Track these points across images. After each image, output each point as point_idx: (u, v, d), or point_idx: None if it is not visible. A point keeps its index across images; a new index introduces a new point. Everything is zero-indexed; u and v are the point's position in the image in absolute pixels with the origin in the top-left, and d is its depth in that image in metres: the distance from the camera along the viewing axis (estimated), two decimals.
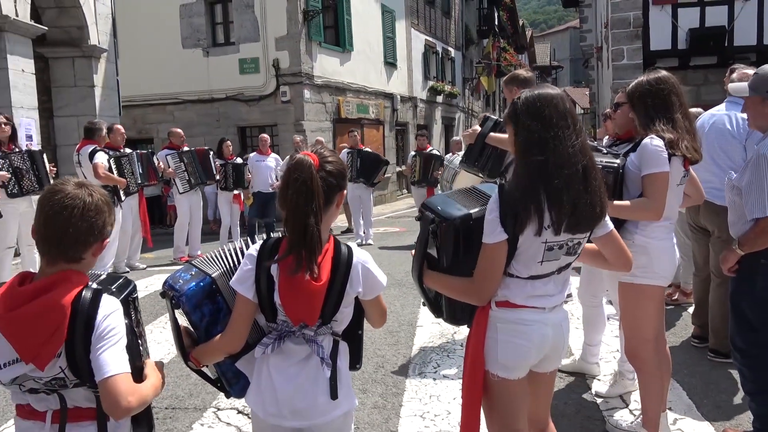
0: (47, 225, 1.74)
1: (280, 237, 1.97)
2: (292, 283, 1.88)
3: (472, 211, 2.13)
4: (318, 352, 1.96)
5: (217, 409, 3.87)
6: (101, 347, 1.69)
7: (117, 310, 1.76)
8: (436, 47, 24.52)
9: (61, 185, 1.78)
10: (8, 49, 8.26)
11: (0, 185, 6.39)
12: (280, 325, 1.96)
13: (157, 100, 15.61)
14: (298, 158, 1.92)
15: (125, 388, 1.67)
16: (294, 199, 1.89)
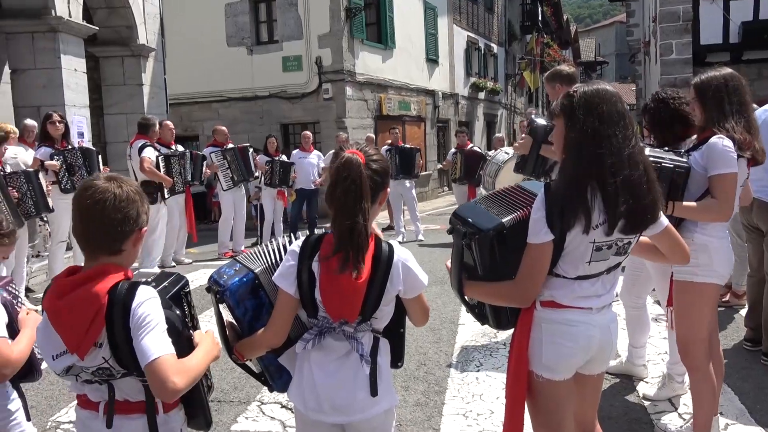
0: (83, 220, 1.78)
1: (322, 234, 1.98)
2: (333, 280, 1.89)
3: (505, 220, 2.08)
4: (357, 349, 1.96)
5: (261, 403, 3.93)
6: (141, 334, 1.71)
7: (153, 298, 1.78)
8: (478, 43, 24.33)
9: (91, 181, 1.82)
10: (62, 49, 8.51)
11: (54, 181, 6.59)
12: (320, 321, 1.97)
13: (202, 98, 15.90)
14: (347, 157, 1.91)
15: (170, 369, 1.68)
16: (342, 198, 1.89)
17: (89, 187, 1.79)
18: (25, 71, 8.57)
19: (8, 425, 2.27)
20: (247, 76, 15.62)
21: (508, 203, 2.18)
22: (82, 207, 1.78)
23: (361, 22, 15.63)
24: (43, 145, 6.70)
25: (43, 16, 8.29)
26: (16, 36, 8.50)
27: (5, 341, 2.12)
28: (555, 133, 2.11)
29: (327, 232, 1.97)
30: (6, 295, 2.28)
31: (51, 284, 1.82)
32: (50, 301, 1.76)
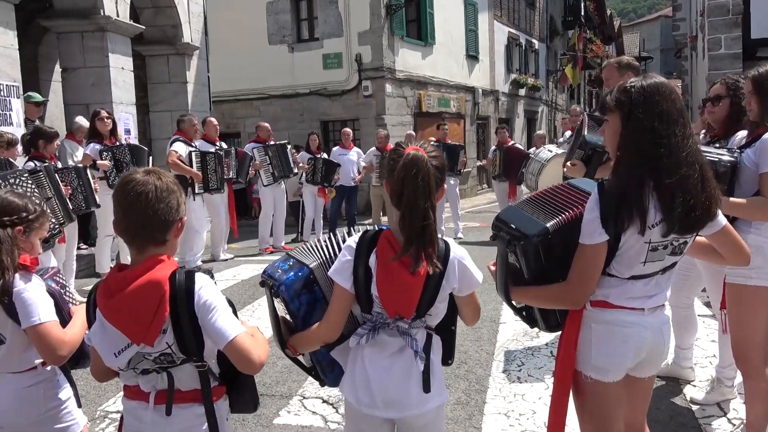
0: (128, 214, 1.82)
1: (379, 230, 1.98)
2: (390, 276, 1.88)
3: (549, 225, 2.04)
4: (411, 345, 1.96)
5: (303, 398, 3.96)
6: (211, 317, 1.78)
7: (211, 284, 1.85)
8: (519, 39, 24.05)
9: (130, 176, 1.86)
10: (110, 48, 8.72)
11: (102, 176, 6.76)
12: (374, 317, 1.98)
13: (244, 96, 16.10)
14: (413, 154, 1.88)
15: (251, 345, 1.80)
16: (413, 197, 1.86)
17: (130, 181, 1.83)
18: (75, 70, 8.81)
19: (60, 413, 2.32)
20: (288, 73, 15.76)
21: (554, 204, 2.13)
22: (126, 201, 1.81)
23: (401, 19, 15.61)
24: (92, 142, 6.88)
25: (93, 15, 8.51)
26: (67, 35, 8.74)
27: (57, 324, 2.18)
28: (609, 129, 2.06)
29: (383, 228, 1.97)
30: (54, 285, 2.33)
31: (100, 285, 1.86)
32: (104, 299, 1.80)
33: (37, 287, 2.19)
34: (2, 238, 2.14)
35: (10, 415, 2.24)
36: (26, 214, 2.24)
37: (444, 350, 2.14)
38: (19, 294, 2.13)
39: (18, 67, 7.01)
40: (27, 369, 2.25)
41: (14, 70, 6.93)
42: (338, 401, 3.89)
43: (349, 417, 2.14)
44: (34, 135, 5.88)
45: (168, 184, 1.86)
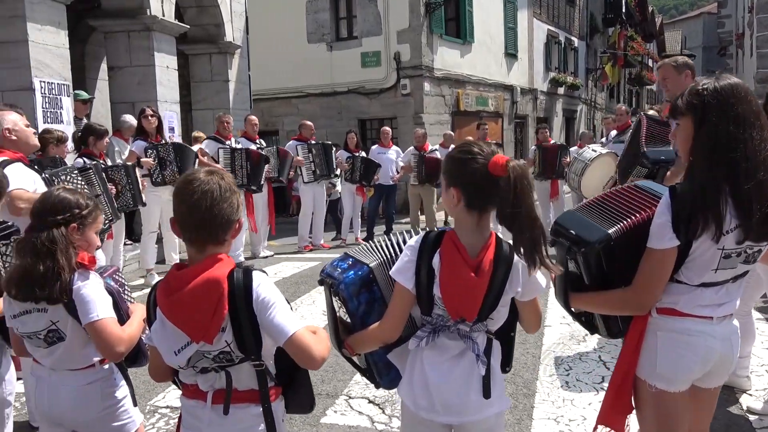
0: (192, 212, 1.81)
1: (441, 231, 1.95)
2: (455, 277, 1.86)
3: (611, 231, 1.99)
4: (473, 349, 1.94)
5: (349, 397, 3.96)
6: (270, 314, 1.79)
7: (268, 281, 1.86)
8: (558, 37, 23.73)
9: (192, 175, 1.87)
10: (155, 47, 8.88)
11: (145, 173, 6.87)
12: (434, 319, 1.95)
13: (282, 94, 16.22)
14: (515, 162, 1.87)
15: (311, 340, 1.81)
16: (526, 199, 1.84)
17: (193, 180, 1.83)
18: (121, 68, 8.99)
19: (117, 411, 2.34)
20: (326, 72, 15.82)
21: (617, 209, 2.07)
22: (191, 199, 1.80)
23: (440, 17, 15.53)
24: (138, 139, 7.00)
25: (139, 15, 8.66)
26: (114, 35, 8.92)
27: (114, 320, 2.20)
28: (680, 133, 2.00)
29: (445, 230, 1.94)
30: (113, 284, 2.36)
31: (160, 283, 1.87)
32: (164, 298, 1.81)
33: (95, 284, 2.22)
34: (56, 237, 2.16)
35: (70, 412, 2.27)
36: (79, 210, 2.26)
37: (502, 357, 2.11)
38: (78, 291, 2.15)
39: (68, 66, 7.18)
40: (86, 366, 2.28)
41: (65, 69, 7.09)
42: (384, 402, 3.88)
43: (406, 421, 2.11)
44: (84, 132, 6.02)
45: (230, 185, 1.87)
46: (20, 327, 2.23)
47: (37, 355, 2.28)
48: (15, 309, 2.22)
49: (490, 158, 1.86)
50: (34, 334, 2.21)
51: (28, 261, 2.14)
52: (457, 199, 1.91)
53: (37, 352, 2.26)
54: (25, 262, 2.15)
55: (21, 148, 3.56)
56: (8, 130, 3.51)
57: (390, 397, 3.94)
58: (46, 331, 2.20)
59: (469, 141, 2.05)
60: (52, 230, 2.17)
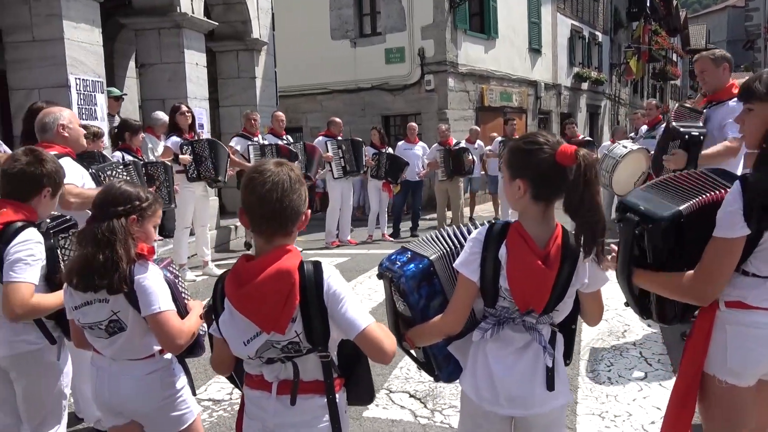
0: (262, 203, 1.81)
1: (506, 223, 1.95)
2: (524, 268, 1.85)
3: (682, 208, 1.96)
4: (539, 341, 1.93)
5: (390, 391, 3.97)
6: (341, 307, 1.80)
7: (337, 273, 1.86)
8: (582, 32, 23.49)
9: (262, 166, 1.86)
10: (185, 44, 8.94)
11: (180, 170, 6.93)
12: (498, 311, 1.95)
13: (306, 90, 16.24)
14: (585, 151, 1.85)
15: (381, 335, 1.83)
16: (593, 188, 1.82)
17: (264, 171, 1.83)
18: (152, 66, 9.07)
19: (176, 401, 2.36)
20: (350, 68, 15.82)
21: (687, 188, 2.05)
22: (263, 190, 1.80)
23: (465, 13, 15.46)
24: (172, 135, 7.06)
25: (169, 12, 8.73)
26: (144, 32, 9.01)
27: (175, 313, 2.22)
28: (753, 119, 1.97)
29: (509, 222, 1.94)
30: (169, 275, 2.37)
31: (228, 275, 1.87)
32: (235, 289, 1.81)
33: (156, 276, 2.24)
34: (116, 228, 2.18)
35: (131, 401, 2.29)
36: (139, 203, 2.28)
37: (564, 349, 2.09)
38: (140, 282, 2.17)
39: (102, 63, 7.26)
40: (146, 357, 2.30)
41: (99, 67, 7.17)
42: (426, 396, 3.88)
43: (467, 413, 2.11)
44: (120, 128, 6.09)
45: (299, 176, 1.87)
46: (82, 318, 2.25)
47: (98, 346, 2.30)
48: (77, 300, 2.24)
49: (556, 148, 1.85)
50: (95, 324, 2.24)
51: (88, 250, 2.16)
52: (522, 190, 1.90)
53: (98, 342, 2.29)
54: (86, 252, 2.17)
55: (71, 146, 3.61)
56: (63, 126, 3.56)
57: (431, 391, 3.94)
58: (107, 322, 2.22)
59: (534, 132, 2.03)
60: (112, 221, 2.19)
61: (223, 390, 4.11)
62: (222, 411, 3.83)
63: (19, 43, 6.72)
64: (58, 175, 2.73)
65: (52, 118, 3.57)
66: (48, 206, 2.72)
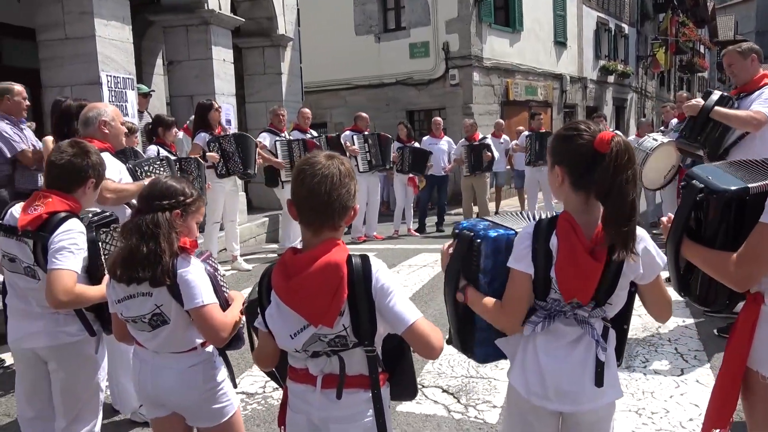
0: (311, 196, 1.81)
1: (554, 216, 1.92)
2: (571, 258, 1.82)
3: (751, 185, 1.91)
4: (592, 334, 1.90)
5: (422, 386, 3.96)
6: (390, 301, 1.80)
7: (385, 267, 1.86)
8: (608, 24, 23.21)
9: (313, 158, 1.85)
10: (213, 41, 9.01)
11: (210, 166, 6.99)
12: (549, 304, 1.92)
13: (331, 86, 16.28)
14: (620, 138, 1.82)
15: (430, 328, 1.83)
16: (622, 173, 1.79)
17: (314, 164, 1.82)
18: (180, 62, 9.16)
19: (217, 394, 2.38)
20: (374, 63, 15.83)
21: (757, 170, 2.01)
22: (310, 183, 1.80)
23: (489, 6, 15.36)
24: (201, 131, 7.11)
25: (197, 9, 8.80)
26: (173, 29, 9.09)
27: (218, 306, 2.24)
28: None
29: (558, 214, 1.91)
30: (209, 268, 2.39)
31: (275, 268, 1.87)
32: (283, 282, 1.82)
33: (198, 269, 2.26)
34: (160, 222, 2.20)
35: (173, 394, 2.32)
36: (183, 198, 2.30)
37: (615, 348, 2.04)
38: (183, 276, 2.19)
39: (132, 60, 7.34)
40: (188, 350, 2.32)
41: (129, 63, 7.26)
42: (459, 391, 3.87)
43: (514, 407, 2.09)
44: (154, 123, 6.16)
45: (349, 171, 1.86)
46: (125, 311, 2.28)
47: (141, 339, 2.33)
48: (119, 294, 2.27)
49: (596, 135, 1.82)
50: (139, 318, 2.26)
51: (133, 242, 2.18)
52: (561, 178, 1.88)
53: (142, 335, 2.31)
54: (130, 243, 2.19)
55: (110, 142, 3.67)
56: (104, 123, 3.62)
57: (464, 386, 3.93)
58: (150, 315, 2.25)
59: (578, 120, 2.01)
60: (157, 214, 2.22)
61: (256, 383, 4.14)
62: (256, 404, 3.86)
63: (52, 41, 6.82)
64: (102, 167, 2.78)
65: (96, 113, 3.63)
66: (90, 198, 2.77)
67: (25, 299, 2.68)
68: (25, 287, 2.66)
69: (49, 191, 2.65)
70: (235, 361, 4.24)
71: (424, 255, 8.38)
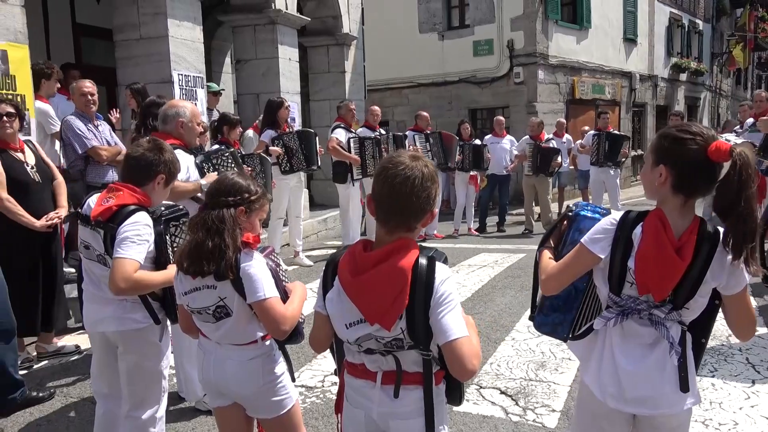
0: (392, 195, 1.81)
1: (644, 211, 1.90)
2: (654, 250, 1.79)
3: None
4: (666, 337, 1.86)
5: (480, 387, 3.94)
6: (441, 311, 1.76)
7: (451, 277, 1.83)
8: (681, 20, 22.35)
9: (398, 158, 1.85)
10: (279, 40, 9.20)
11: (274, 162, 7.13)
12: (624, 300, 1.89)
13: (393, 84, 16.32)
14: (741, 149, 1.77)
15: (470, 351, 1.73)
16: (748, 189, 1.75)
17: (398, 164, 1.83)
18: (247, 61, 9.38)
19: (276, 386, 2.43)
20: (437, 61, 15.77)
21: None
22: (392, 182, 1.81)
23: (556, 3, 15.05)
24: (267, 129, 7.28)
25: (265, 9, 8.99)
26: (241, 29, 9.33)
27: (279, 299, 2.28)
28: None
29: (647, 212, 1.88)
30: (271, 263, 2.44)
31: (344, 256, 1.89)
32: (349, 275, 1.83)
33: (260, 264, 2.31)
34: (225, 217, 2.27)
35: (234, 384, 2.38)
36: (248, 195, 2.36)
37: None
38: (246, 270, 2.25)
39: (203, 59, 7.58)
40: (249, 342, 2.38)
41: (200, 63, 7.49)
42: (517, 393, 3.83)
43: (586, 408, 2.06)
44: (219, 121, 6.33)
45: (433, 175, 1.85)
46: (191, 303, 2.36)
47: (205, 330, 2.41)
48: (186, 286, 2.35)
49: (710, 142, 1.77)
50: (203, 309, 2.34)
51: (199, 236, 2.26)
52: (664, 178, 1.84)
53: (206, 326, 2.39)
54: (196, 237, 2.27)
55: (185, 140, 3.82)
56: (182, 123, 3.78)
57: (522, 388, 3.89)
58: (214, 307, 2.32)
59: (690, 122, 1.97)
60: (222, 210, 2.29)
61: (315, 377, 4.21)
62: (314, 398, 3.93)
63: (128, 41, 7.11)
64: (174, 165, 2.87)
65: (174, 111, 3.79)
66: (161, 194, 2.87)
67: (98, 285, 2.82)
68: (100, 274, 2.80)
69: (122, 184, 2.77)
70: (295, 355, 4.33)
71: (483, 255, 8.31)
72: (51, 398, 4.00)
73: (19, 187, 4.24)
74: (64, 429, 3.66)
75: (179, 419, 3.66)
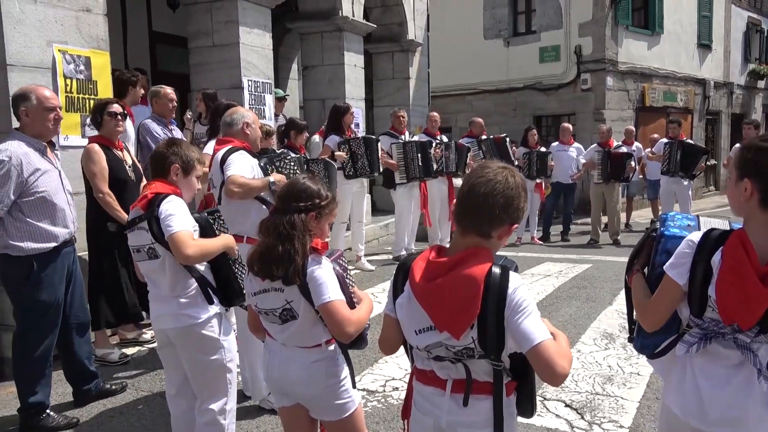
0: (468, 196, 1.82)
1: (728, 230, 1.81)
2: (736, 280, 1.71)
3: None
4: (753, 362, 1.77)
5: (544, 399, 3.86)
6: (518, 318, 1.73)
7: (524, 284, 1.80)
8: (761, 25, 21.39)
9: (488, 163, 1.87)
10: (345, 47, 9.30)
11: (339, 167, 7.20)
12: (706, 323, 1.82)
13: (457, 91, 16.27)
14: None
15: (557, 352, 1.71)
16: None
17: (484, 167, 1.85)
18: (314, 68, 9.53)
19: (338, 390, 2.44)
20: (502, 68, 15.63)
21: None
22: (473, 182, 1.82)
23: (627, 8, 14.67)
24: (332, 134, 7.37)
25: (332, 16, 9.11)
26: (309, 36, 9.48)
27: (344, 303, 2.30)
28: None
29: (733, 228, 1.81)
30: (338, 268, 2.46)
31: (416, 261, 1.88)
32: (420, 282, 1.83)
33: (327, 268, 2.33)
34: (296, 223, 2.30)
35: (298, 386, 2.41)
36: (319, 201, 2.39)
37: None
38: (312, 274, 2.27)
39: (271, 66, 7.74)
40: (313, 345, 2.40)
41: (269, 69, 7.65)
42: (583, 407, 3.74)
43: (667, 428, 2.01)
44: (287, 126, 6.46)
45: (518, 186, 1.83)
46: (259, 304, 2.41)
47: (271, 331, 2.45)
48: (255, 287, 2.40)
49: None
50: (270, 311, 2.38)
51: (270, 240, 2.31)
52: (750, 192, 1.74)
53: (272, 327, 2.43)
54: (267, 241, 2.32)
55: (249, 143, 3.93)
56: (247, 125, 3.89)
57: (588, 402, 3.79)
58: (281, 310, 2.36)
59: None
60: (293, 215, 2.32)
61: (376, 382, 4.22)
62: (376, 402, 3.94)
63: (201, 48, 7.34)
64: (187, 156, 2.99)
65: (239, 116, 3.91)
66: (184, 184, 2.99)
67: (155, 284, 2.93)
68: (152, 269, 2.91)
69: (154, 180, 2.97)
70: (356, 359, 4.35)
71: (547, 264, 8.16)
72: (123, 391, 4.17)
73: (119, 184, 4.49)
74: (136, 421, 3.79)
75: (244, 417, 3.73)
